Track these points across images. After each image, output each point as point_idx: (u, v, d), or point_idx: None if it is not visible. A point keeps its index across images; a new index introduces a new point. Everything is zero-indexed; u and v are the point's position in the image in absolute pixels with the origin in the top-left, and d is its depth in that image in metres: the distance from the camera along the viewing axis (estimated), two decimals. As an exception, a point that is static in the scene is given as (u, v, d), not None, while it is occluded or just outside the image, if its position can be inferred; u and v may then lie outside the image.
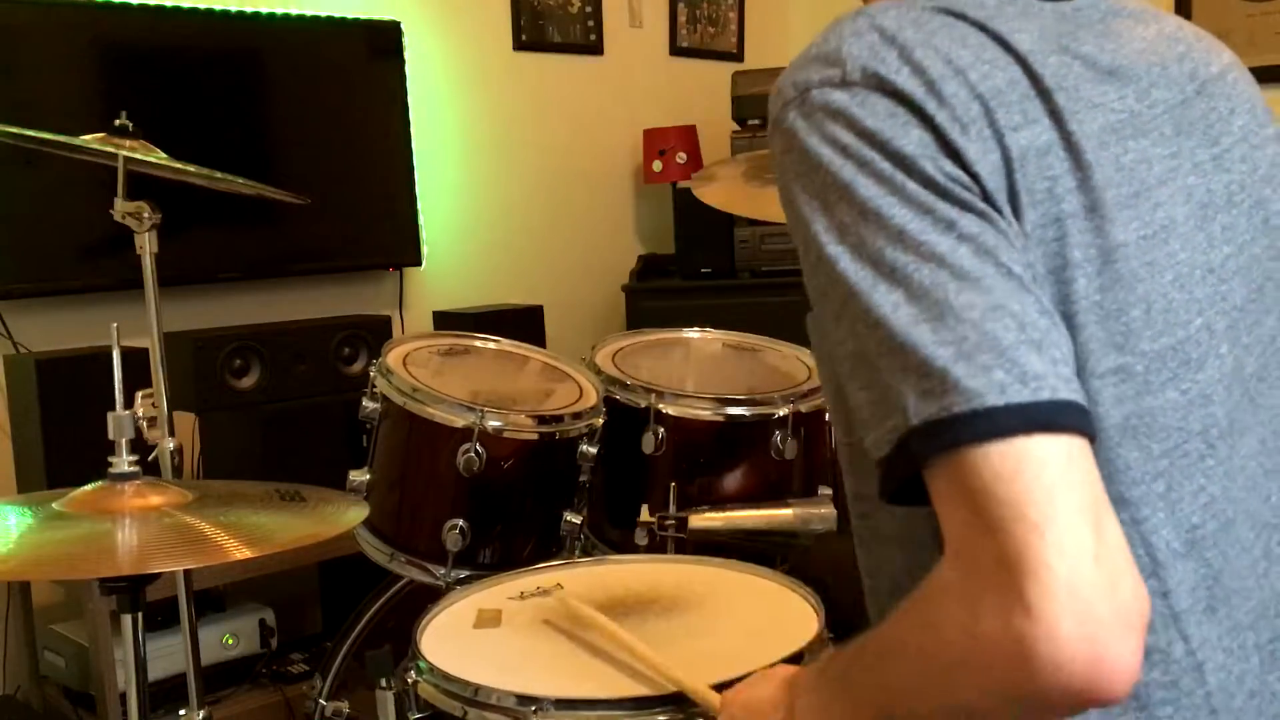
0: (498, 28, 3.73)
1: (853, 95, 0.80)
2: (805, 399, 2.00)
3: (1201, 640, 0.81)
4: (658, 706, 1.22)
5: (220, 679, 2.70)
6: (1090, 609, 0.67)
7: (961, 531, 0.71)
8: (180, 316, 2.75)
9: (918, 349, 0.73)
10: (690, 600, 1.51)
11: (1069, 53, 0.85)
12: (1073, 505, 0.69)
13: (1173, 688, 0.81)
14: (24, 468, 2.60)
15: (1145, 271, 0.81)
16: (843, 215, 0.78)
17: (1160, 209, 0.83)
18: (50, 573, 1.80)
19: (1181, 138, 0.87)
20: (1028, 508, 0.69)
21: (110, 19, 2.89)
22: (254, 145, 3.13)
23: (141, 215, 1.75)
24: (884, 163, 0.77)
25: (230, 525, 1.31)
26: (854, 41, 0.82)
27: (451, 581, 1.81)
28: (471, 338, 2.22)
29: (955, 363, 0.72)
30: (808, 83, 0.82)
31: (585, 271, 3.92)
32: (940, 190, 0.76)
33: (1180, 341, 0.82)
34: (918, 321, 0.74)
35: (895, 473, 0.75)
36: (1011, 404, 0.71)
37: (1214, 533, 0.82)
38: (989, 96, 0.80)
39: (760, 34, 4.42)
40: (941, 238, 0.75)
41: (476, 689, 1.26)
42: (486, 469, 1.83)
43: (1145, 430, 0.81)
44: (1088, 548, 0.69)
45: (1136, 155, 0.84)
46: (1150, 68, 0.88)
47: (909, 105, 0.79)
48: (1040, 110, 0.81)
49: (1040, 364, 0.72)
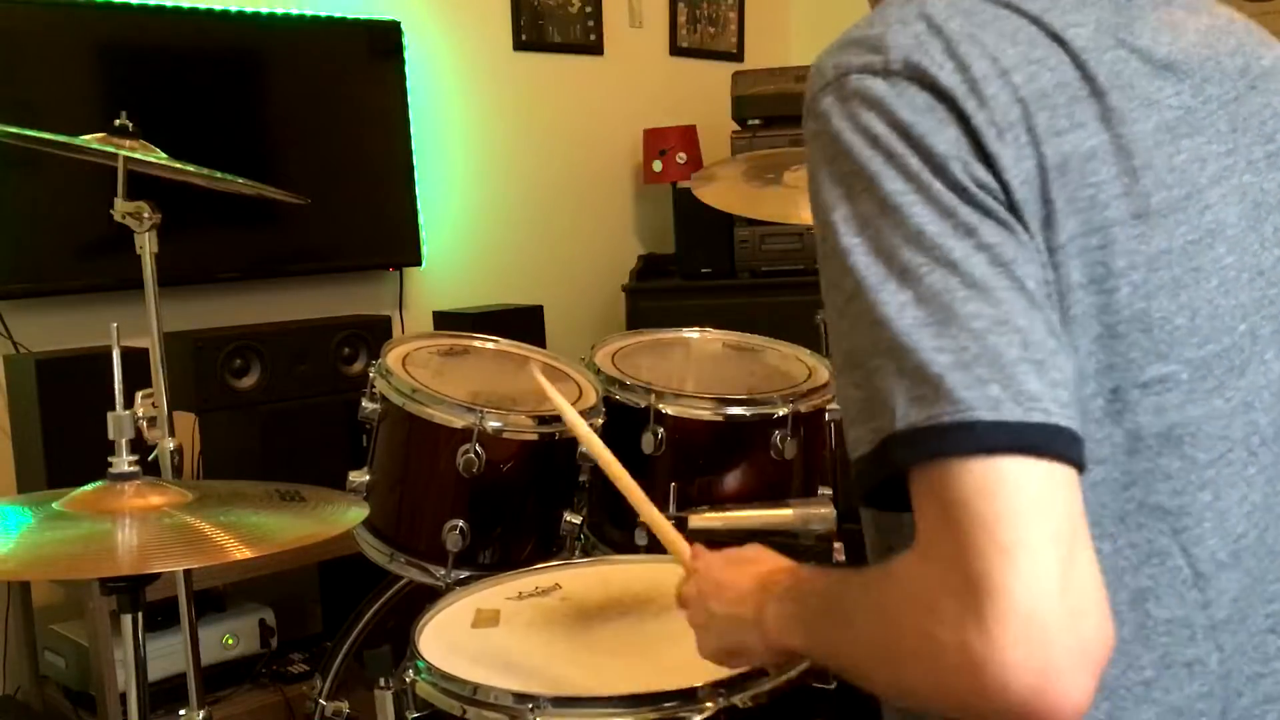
0: (498, 28, 3.73)
1: (891, 85, 0.77)
2: (805, 399, 2.00)
3: (1234, 650, 0.81)
4: (654, 703, 1.22)
5: (220, 679, 2.70)
6: (1045, 640, 0.67)
7: (932, 536, 0.71)
8: (180, 316, 2.75)
9: (916, 352, 0.72)
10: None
11: (1125, 46, 0.82)
12: (1045, 533, 0.68)
13: (1209, 698, 0.80)
14: (24, 468, 2.60)
15: (1190, 278, 0.80)
16: (864, 207, 0.76)
17: (1209, 211, 0.81)
18: (50, 573, 1.80)
19: (1237, 134, 0.85)
20: (999, 528, 0.68)
21: (110, 19, 2.89)
22: (254, 145, 3.13)
23: (141, 215, 1.75)
24: (913, 159, 0.75)
25: (230, 525, 1.31)
26: (899, 30, 0.79)
27: (451, 582, 1.81)
28: (471, 338, 2.22)
29: (951, 371, 0.71)
30: (848, 66, 0.80)
31: (585, 271, 3.92)
32: (966, 194, 0.75)
33: (1225, 349, 0.81)
34: (921, 325, 0.72)
35: (872, 474, 0.74)
36: (1002, 421, 0.69)
37: (1254, 541, 0.82)
38: (1032, 99, 0.77)
39: (760, 34, 4.42)
40: (959, 243, 0.73)
41: (475, 688, 1.27)
42: (486, 469, 1.83)
43: (1190, 440, 0.79)
44: (1053, 577, 0.68)
45: (1190, 154, 0.81)
46: (1204, 61, 0.85)
47: (948, 102, 0.76)
48: (1091, 113, 0.79)
49: (1038, 385, 0.71)
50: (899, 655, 0.73)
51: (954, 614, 0.68)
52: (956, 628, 0.68)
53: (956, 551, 0.69)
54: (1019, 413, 0.70)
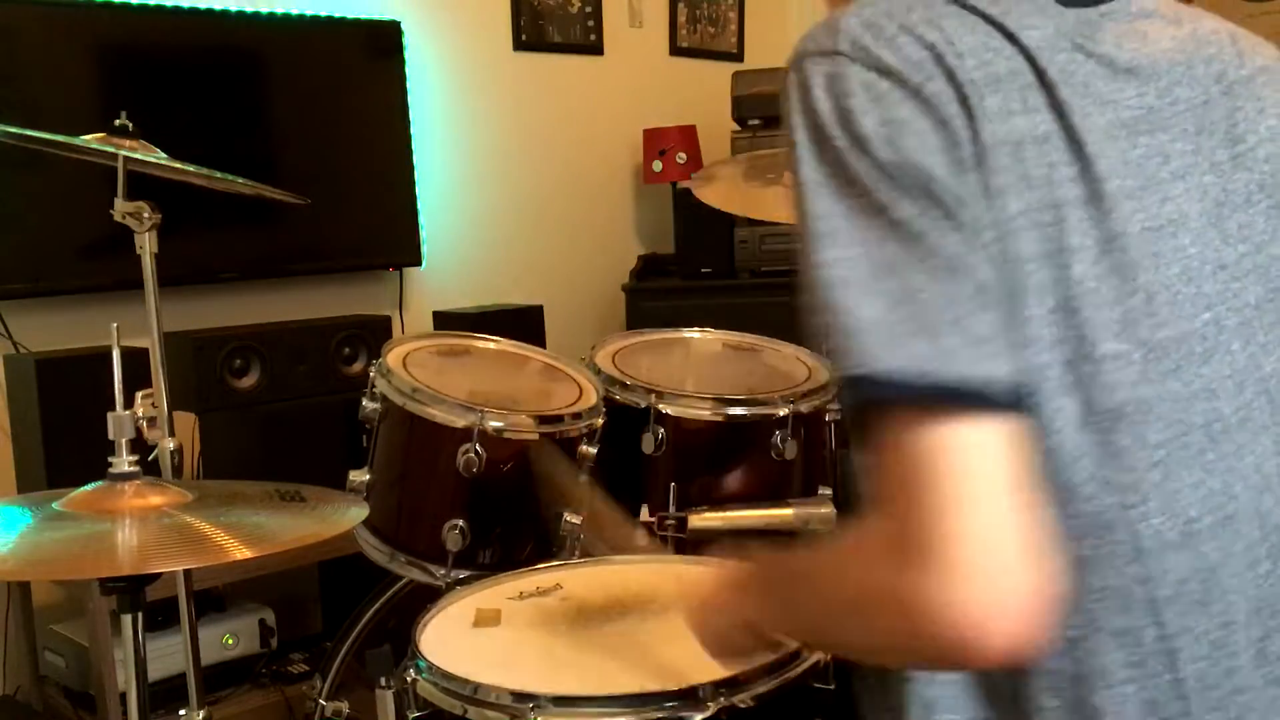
0: (498, 28, 3.73)
1: (835, 64, 0.83)
2: (805, 399, 2.00)
3: (1180, 629, 0.82)
4: (655, 702, 1.22)
5: (220, 679, 2.70)
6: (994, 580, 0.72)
7: (886, 482, 0.76)
8: (180, 316, 2.74)
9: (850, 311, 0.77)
10: (690, 599, 1.51)
11: (1082, 50, 0.86)
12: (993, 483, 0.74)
13: (1138, 667, 0.82)
14: (24, 468, 2.60)
15: (1149, 262, 0.83)
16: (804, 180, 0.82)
17: (1170, 203, 0.85)
18: (50, 573, 1.80)
19: (1202, 136, 0.88)
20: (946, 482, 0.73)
21: (110, 19, 2.90)
22: (254, 145, 3.13)
23: (141, 215, 1.75)
24: (843, 138, 0.81)
25: (230, 525, 1.31)
26: (854, 15, 0.85)
27: (451, 581, 1.81)
28: (471, 338, 2.22)
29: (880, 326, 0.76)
30: (805, 51, 0.86)
31: (585, 271, 3.92)
32: (886, 173, 0.79)
33: (1184, 334, 0.83)
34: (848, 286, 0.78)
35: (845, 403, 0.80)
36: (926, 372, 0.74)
37: (1211, 527, 0.83)
38: (985, 82, 0.82)
39: (760, 34, 4.42)
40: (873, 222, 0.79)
41: (476, 687, 1.27)
42: (486, 469, 1.83)
43: (1141, 418, 0.81)
44: (1008, 523, 0.73)
45: (1148, 150, 0.85)
46: (1174, 66, 0.89)
47: (893, 77, 0.81)
48: (1041, 101, 0.83)
49: (956, 340, 0.76)
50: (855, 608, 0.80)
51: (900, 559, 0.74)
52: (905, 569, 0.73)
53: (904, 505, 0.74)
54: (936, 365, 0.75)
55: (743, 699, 1.24)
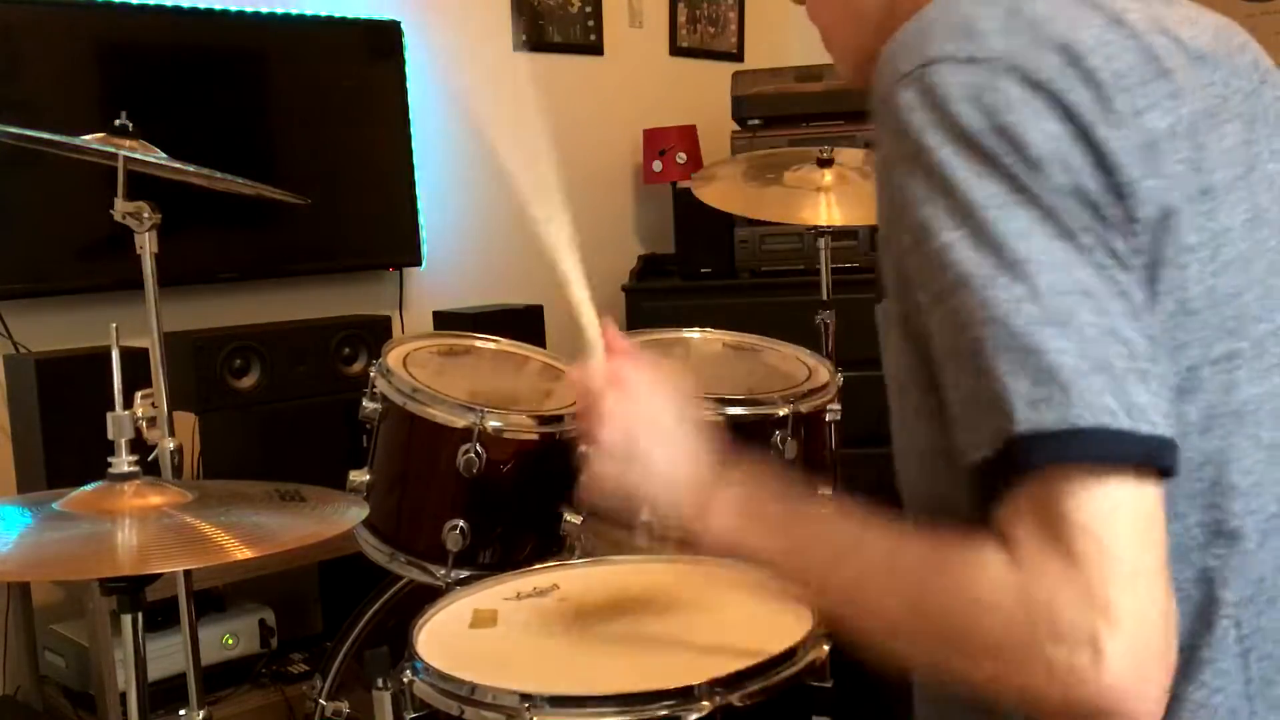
0: (498, 28, 3.73)
1: (983, 75, 0.75)
2: (805, 399, 2.00)
3: (1254, 629, 0.80)
4: (650, 701, 1.22)
5: (220, 679, 2.70)
6: (1152, 667, 0.69)
7: (1042, 543, 0.70)
8: (180, 316, 2.74)
9: (1040, 353, 0.71)
10: (688, 600, 1.51)
11: (1168, 34, 0.82)
12: (1158, 561, 0.70)
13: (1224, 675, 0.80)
14: (24, 468, 2.60)
15: (1252, 255, 0.80)
16: (965, 203, 0.74)
17: (1255, 194, 0.82)
18: (50, 573, 1.80)
19: (1258, 124, 0.86)
20: (1124, 553, 0.69)
21: (110, 19, 2.90)
22: (254, 145, 3.13)
23: (141, 215, 1.75)
24: (1014, 159, 0.74)
25: (230, 525, 1.31)
26: (986, 13, 0.77)
27: (451, 581, 1.81)
28: (471, 338, 2.22)
29: (1075, 377, 0.70)
30: (935, 56, 0.76)
31: (585, 271, 3.91)
32: (1065, 195, 0.74)
33: (1278, 328, 0.81)
34: (1042, 324, 0.71)
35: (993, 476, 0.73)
36: (1121, 431, 0.70)
37: None
38: (1113, 81, 0.76)
39: (760, 34, 4.42)
40: (1065, 247, 0.73)
41: (472, 688, 1.26)
42: (486, 469, 1.83)
43: (1254, 418, 0.80)
44: (1162, 605, 0.70)
45: (1233, 139, 0.82)
46: (1228, 55, 0.87)
47: (1044, 91, 0.75)
48: (1162, 91, 0.78)
49: (1145, 396, 0.71)
50: (975, 648, 0.73)
51: (1070, 631, 0.69)
52: (1064, 643, 0.69)
53: (1076, 569, 0.69)
54: (1128, 424, 0.70)
55: (739, 697, 1.24)
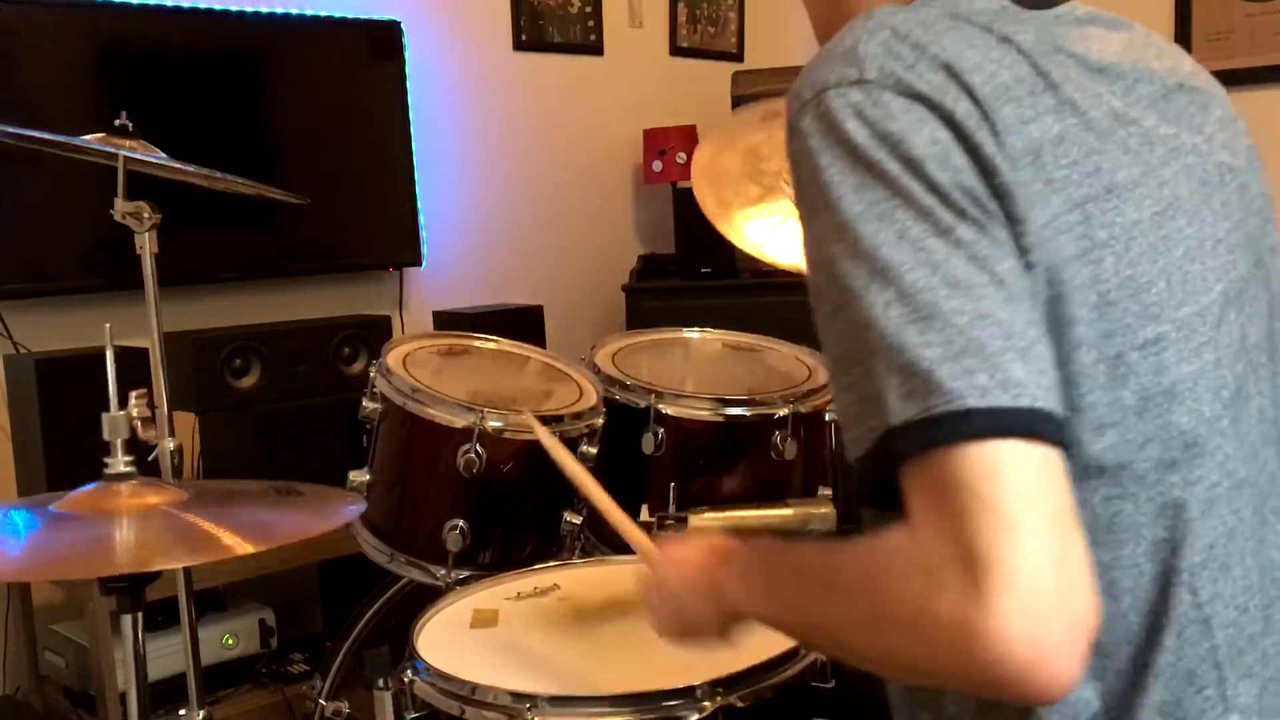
0: (498, 28, 3.73)
1: (868, 94, 0.81)
2: (805, 399, 2.00)
3: (1211, 595, 0.83)
4: (651, 702, 1.22)
5: (220, 679, 2.70)
6: (1044, 614, 0.70)
7: (929, 516, 0.73)
8: (180, 316, 2.75)
9: (904, 350, 0.75)
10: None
11: (1063, 52, 0.88)
12: (1042, 512, 0.72)
13: (1177, 637, 0.82)
14: (24, 468, 2.60)
15: (1163, 245, 0.85)
16: (847, 215, 0.79)
17: (1166, 186, 0.86)
18: (50, 573, 1.80)
19: (1169, 125, 0.90)
20: (1000, 504, 0.71)
21: (110, 19, 2.89)
22: (254, 145, 3.13)
23: (141, 215, 1.75)
24: (892, 164, 0.79)
25: (228, 522, 1.31)
26: (869, 39, 0.83)
27: (452, 582, 1.81)
28: (471, 338, 2.22)
29: (940, 365, 0.74)
30: (824, 82, 0.83)
31: (585, 271, 3.92)
32: (941, 195, 0.78)
33: (1204, 308, 0.85)
34: (906, 323, 0.75)
35: (873, 471, 0.77)
36: (992, 408, 0.72)
37: (1228, 491, 0.85)
38: (997, 95, 0.81)
39: (760, 34, 4.42)
40: (938, 243, 0.77)
41: (473, 688, 1.27)
42: (486, 469, 1.83)
43: (1191, 394, 0.83)
44: (1052, 554, 0.71)
45: (1139, 138, 0.87)
46: (1135, 64, 0.92)
47: (926, 103, 0.80)
48: (1051, 102, 0.83)
49: (1023, 372, 0.74)
50: (889, 623, 0.75)
51: (955, 585, 0.71)
52: (956, 599, 0.70)
53: (956, 527, 0.71)
54: (1007, 399, 0.73)
55: (740, 697, 1.24)
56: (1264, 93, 3.31)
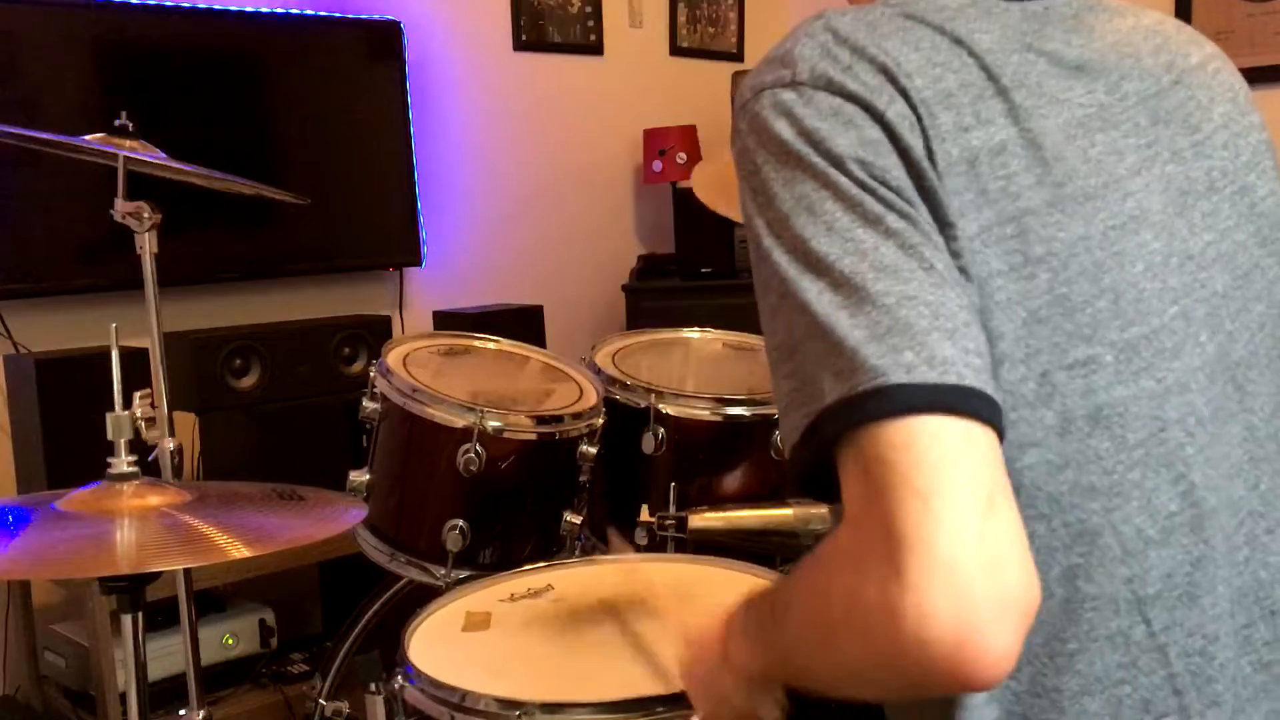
0: (498, 28, 3.73)
1: (799, 94, 0.81)
2: (805, 399, 1.99)
3: (1168, 624, 0.81)
4: (644, 708, 1.21)
5: (220, 679, 2.70)
6: (966, 589, 0.66)
7: (856, 499, 0.72)
8: (180, 316, 2.75)
9: (833, 331, 0.74)
10: (684, 600, 1.51)
11: (1033, 50, 0.86)
12: (961, 481, 0.69)
13: (1131, 668, 0.81)
14: (24, 468, 2.60)
15: (1113, 262, 0.82)
16: (779, 210, 0.80)
17: (1131, 199, 0.84)
18: (50, 573, 1.80)
19: (1159, 127, 0.88)
20: (914, 476, 0.68)
21: (110, 19, 2.89)
22: (254, 145, 3.13)
23: (141, 215, 1.75)
24: (818, 159, 0.79)
25: (229, 525, 1.31)
26: (807, 42, 0.84)
27: (451, 582, 1.81)
28: (471, 338, 2.22)
29: (866, 344, 0.73)
30: (761, 84, 0.84)
31: (585, 271, 3.92)
32: (868, 188, 0.78)
33: (1154, 330, 0.83)
34: (838, 308, 0.75)
35: (804, 457, 0.76)
36: (915, 383, 0.71)
37: (1193, 520, 0.82)
38: (936, 100, 0.81)
39: (760, 34, 4.42)
40: (867, 232, 0.76)
41: (463, 694, 1.26)
42: (486, 469, 1.83)
43: (1119, 420, 0.81)
44: (972, 525, 0.68)
45: (1105, 147, 0.85)
46: (1122, 60, 0.89)
47: (858, 102, 0.80)
48: (997, 109, 0.82)
49: (951, 350, 0.73)
50: (833, 629, 0.73)
51: (875, 568, 0.68)
52: (879, 583, 0.68)
53: (877, 507, 0.69)
54: (933, 375, 0.71)
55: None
56: (1264, 93, 3.31)
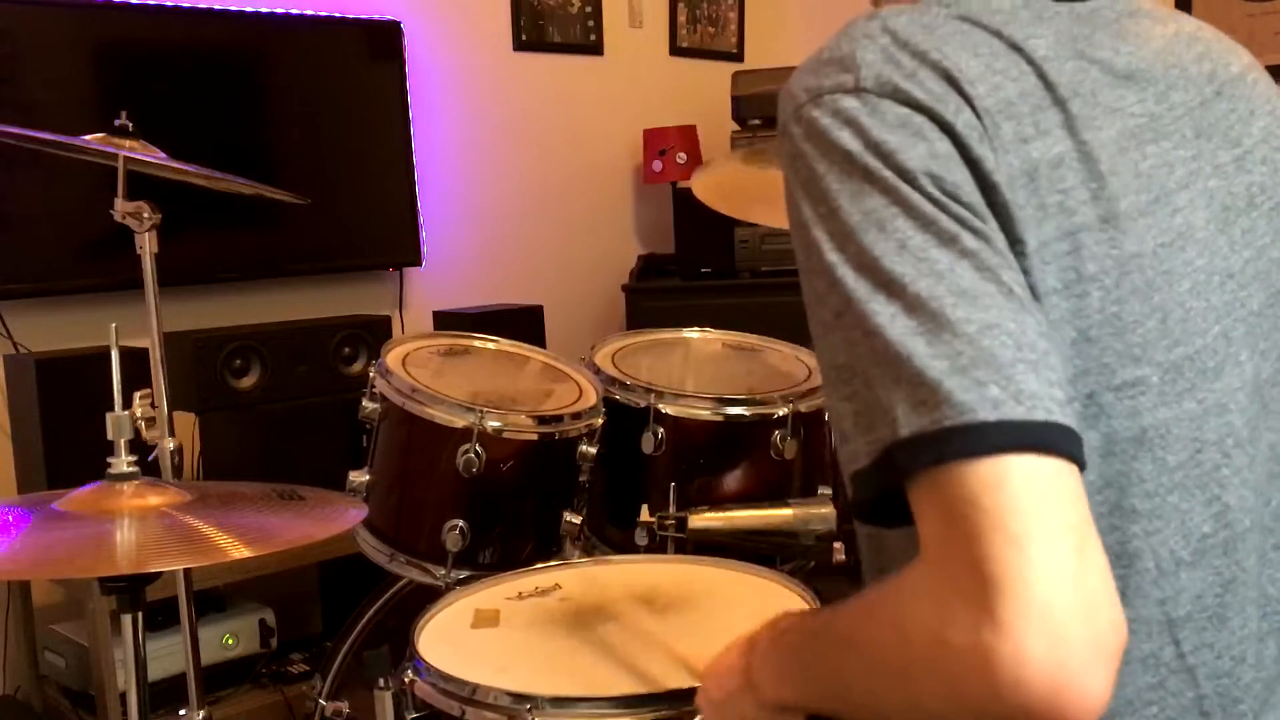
0: (498, 28, 3.73)
1: (864, 102, 0.78)
2: (805, 399, 2.00)
3: (1197, 645, 0.81)
4: (653, 704, 1.22)
5: (220, 679, 2.70)
6: (1062, 632, 0.65)
7: (939, 539, 0.69)
8: (180, 316, 2.75)
9: (910, 360, 0.71)
10: (688, 600, 1.51)
11: (1085, 57, 0.83)
12: (1056, 524, 0.67)
13: (1159, 689, 0.80)
14: (24, 468, 2.61)
15: (1162, 281, 0.80)
16: (845, 223, 0.76)
17: (1179, 215, 0.82)
18: (50, 573, 1.80)
19: (1202, 140, 0.85)
20: (1009, 521, 0.67)
21: (110, 19, 2.90)
22: (254, 145, 3.14)
23: (141, 215, 1.75)
24: (888, 173, 0.75)
25: (229, 525, 1.31)
26: (867, 45, 0.80)
27: (451, 582, 1.81)
28: (471, 338, 2.22)
29: (949, 376, 0.70)
30: (819, 89, 0.80)
31: (585, 271, 3.92)
32: (942, 206, 0.75)
33: (1198, 351, 0.81)
34: (914, 333, 0.72)
35: (873, 485, 0.73)
36: (1004, 420, 0.69)
37: (1225, 541, 0.82)
38: (997, 109, 0.78)
39: (760, 34, 4.42)
40: (942, 252, 0.73)
41: (473, 688, 1.26)
42: (486, 469, 1.83)
43: (1161, 442, 0.79)
44: (1067, 569, 0.66)
45: (1156, 160, 0.82)
46: (1169, 69, 0.86)
47: (926, 113, 0.77)
48: (1054, 120, 0.79)
49: (1036, 384, 0.70)
50: (910, 668, 0.71)
51: (966, 613, 0.66)
52: (970, 627, 0.66)
53: (965, 549, 0.67)
54: (1020, 412, 0.69)
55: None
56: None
